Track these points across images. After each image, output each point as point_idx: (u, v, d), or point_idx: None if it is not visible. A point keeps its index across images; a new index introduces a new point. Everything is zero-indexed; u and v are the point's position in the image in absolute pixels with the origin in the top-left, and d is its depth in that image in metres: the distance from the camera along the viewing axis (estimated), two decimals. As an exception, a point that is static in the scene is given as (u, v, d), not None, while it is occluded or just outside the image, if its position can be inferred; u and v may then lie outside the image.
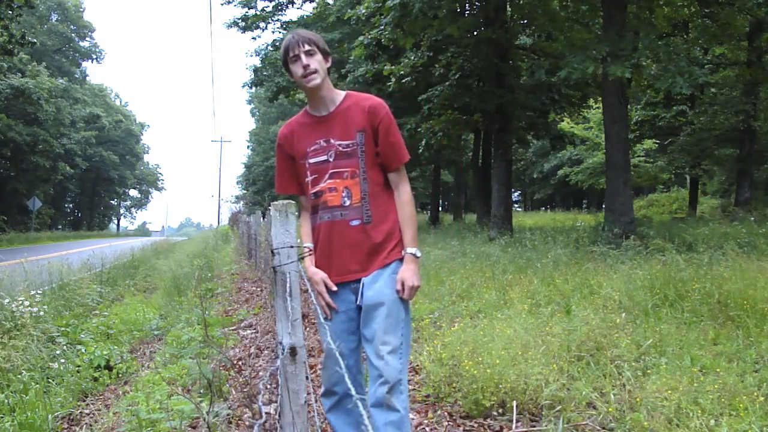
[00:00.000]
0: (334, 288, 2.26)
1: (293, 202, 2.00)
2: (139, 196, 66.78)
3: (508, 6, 14.01)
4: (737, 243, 6.86)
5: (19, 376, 4.33)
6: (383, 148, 2.26)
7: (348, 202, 2.24)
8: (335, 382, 2.28)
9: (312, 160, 2.29)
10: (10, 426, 3.51)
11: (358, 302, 2.24)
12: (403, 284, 2.21)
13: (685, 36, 16.11)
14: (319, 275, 2.27)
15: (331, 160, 2.25)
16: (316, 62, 2.21)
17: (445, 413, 3.37)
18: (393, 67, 14.98)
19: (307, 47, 2.21)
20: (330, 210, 2.26)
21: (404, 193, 2.31)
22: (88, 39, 50.00)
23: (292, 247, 1.92)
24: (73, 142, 41.66)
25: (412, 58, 14.83)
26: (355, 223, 2.24)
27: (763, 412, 2.95)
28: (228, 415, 3.35)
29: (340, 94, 2.32)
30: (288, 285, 1.89)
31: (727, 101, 17.88)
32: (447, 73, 14.58)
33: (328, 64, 2.28)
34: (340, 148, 2.25)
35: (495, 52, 13.95)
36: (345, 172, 2.24)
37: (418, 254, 2.29)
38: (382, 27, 12.92)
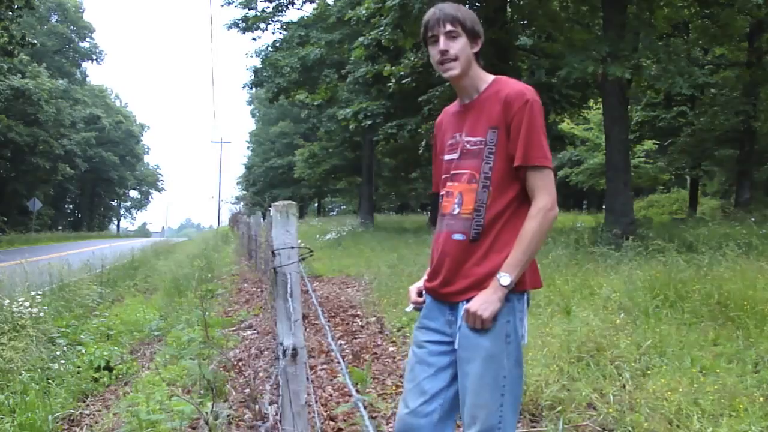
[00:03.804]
0: (420, 299, 1.99)
1: (294, 203, 2.00)
2: (139, 197, 66.79)
3: (508, 7, 14.02)
4: (737, 244, 6.86)
5: (20, 377, 4.33)
6: (511, 148, 1.81)
7: (457, 211, 1.86)
8: None
9: (446, 157, 1.95)
10: (10, 427, 3.51)
11: (454, 341, 1.87)
12: (467, 311, 1.80)
13: (685, 37, 16.13)
14: (412, 286, 2.03)
15: (455, 158, 1.90)
16: (458, 47, 1.85)
17: (446, 414, 3.37)
18: (393, 67, 14.97)
19: (449, 27, 1.85)
20: (442, 218, 1.92)
21: (534, 207, 1.81)
22: (88, 40, 50.05)
23: (293, 248, 1.92)
24: (73, 143, 41.65)
25: (413, 58, 14.82)
26: (457, 237, 1.85)
27: (763, 413, 2.95)
28: (228, 416, 3.35)
29: (486, 81, 1.92)
30: (289, 286, 1.89)
31: (727, 102, 17.88)
32: (447, 73, 14.56)
33: (476, 48, 1.90)
34: (468, 146, 1.87)
35: (495, 53, 13.94)
36: (464, 174, 1.86)
37: (505, 282, 1.76)
38: (382, 28, 12.92)
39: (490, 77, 1.93)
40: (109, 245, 23.56)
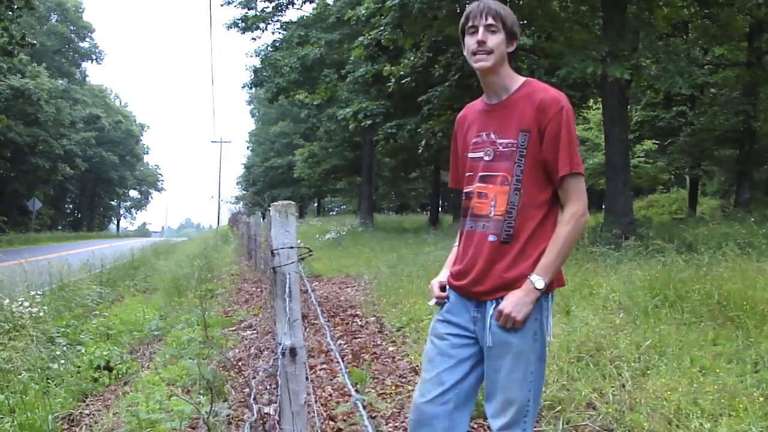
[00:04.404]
0: (443, 294, 2.03)
1: (293, 202, 2.00)
2: (139, 196, 66.77)
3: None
4: (737, 244, 6.86)
5: (19, 377, 4.32)
6: (545, 153, 1.86)
7: (492, 212, 1.90)
8: None
9: (471, 155, 1.99)
10: (10, 427, 3.51)
11: (479, 340, 1.92)
12: (501, 312, 1.85)
13: (684, 36, 16.12)
14: (435, 281, 2.07)
15: (487, 159, 1.94)
16: (495, 41, 1.88)
17: (445, 414, 3.37)
18: (393, 67, 14.98)
19: (489, 21, 1.88)
20: (475, 219, 1.95)
21: (567, 212, 1.87)
22: (87, 39, 50.03)
23: (291, 247, 1.92)
24: (73, 143, 41.60)
25: (412, 58, 14.83)
26: (491, 238, 1.89)
27: (763, 412, 2.95)
28: (228, 415, 3.35)
29: (517, 82, 1.95)
30: (288, 286, 1.89)
31: (727, 102, 17.88)
32: (447, 73, 14.58)
33: (510, 49, 1.93)
34: (500, 148, 1.91)
35: (495, 53, 13.93)
36: (498, 176, 1.90)
37: (540, 285, 1.83)
38: (382, 27, 12.94)
39: (521, 79, 1.96)
40: (108, 245, 23.55)
